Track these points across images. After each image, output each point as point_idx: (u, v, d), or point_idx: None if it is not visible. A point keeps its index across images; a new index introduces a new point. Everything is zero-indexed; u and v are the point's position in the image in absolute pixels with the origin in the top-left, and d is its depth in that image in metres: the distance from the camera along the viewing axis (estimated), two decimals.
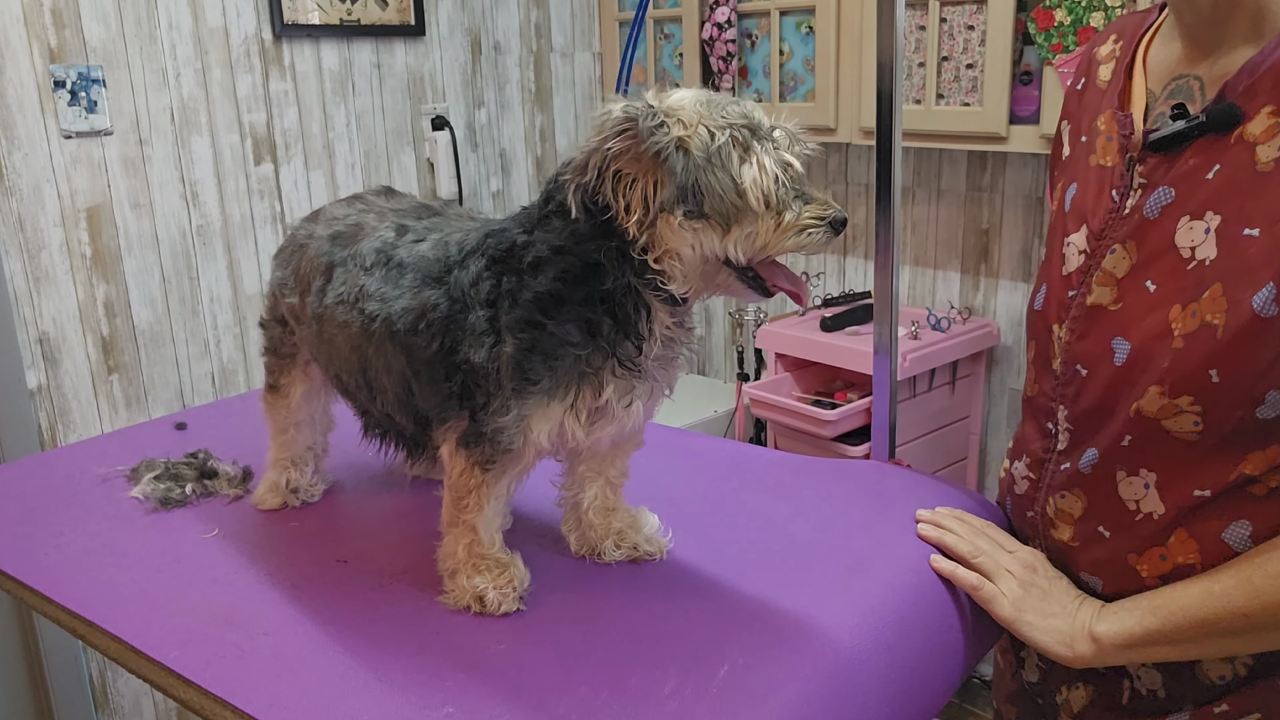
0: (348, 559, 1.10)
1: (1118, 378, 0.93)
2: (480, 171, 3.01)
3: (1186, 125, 0.89)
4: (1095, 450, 0.97)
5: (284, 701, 0.86)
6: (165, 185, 2.32)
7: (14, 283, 2.11)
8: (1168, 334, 0.88)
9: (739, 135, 0.85)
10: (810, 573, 1.03)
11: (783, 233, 0.87)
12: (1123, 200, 0.96)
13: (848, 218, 0.89)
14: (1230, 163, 0.87)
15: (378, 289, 1.01)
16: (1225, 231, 0.86)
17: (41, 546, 1.15)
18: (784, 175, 0.86)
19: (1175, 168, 0.91)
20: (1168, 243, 0.91)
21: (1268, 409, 0.84)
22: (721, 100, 0.88)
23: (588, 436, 0.96)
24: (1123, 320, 0.94)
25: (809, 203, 0.87)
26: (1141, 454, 0.93)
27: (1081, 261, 0.99)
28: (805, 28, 2.52)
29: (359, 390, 1.09)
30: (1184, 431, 0.89)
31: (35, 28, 2.08)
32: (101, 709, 2.36)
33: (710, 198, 0.84)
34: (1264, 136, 0.85)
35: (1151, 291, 0.91)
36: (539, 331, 0.90)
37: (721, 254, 0.87)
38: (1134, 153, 0.95)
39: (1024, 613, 0.99)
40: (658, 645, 0.92)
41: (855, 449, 2.24)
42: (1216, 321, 0.85)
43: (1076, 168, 1.04)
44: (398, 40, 2.72)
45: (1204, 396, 0.86)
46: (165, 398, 2.38)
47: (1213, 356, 0.85)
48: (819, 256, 2.79)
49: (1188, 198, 0.89)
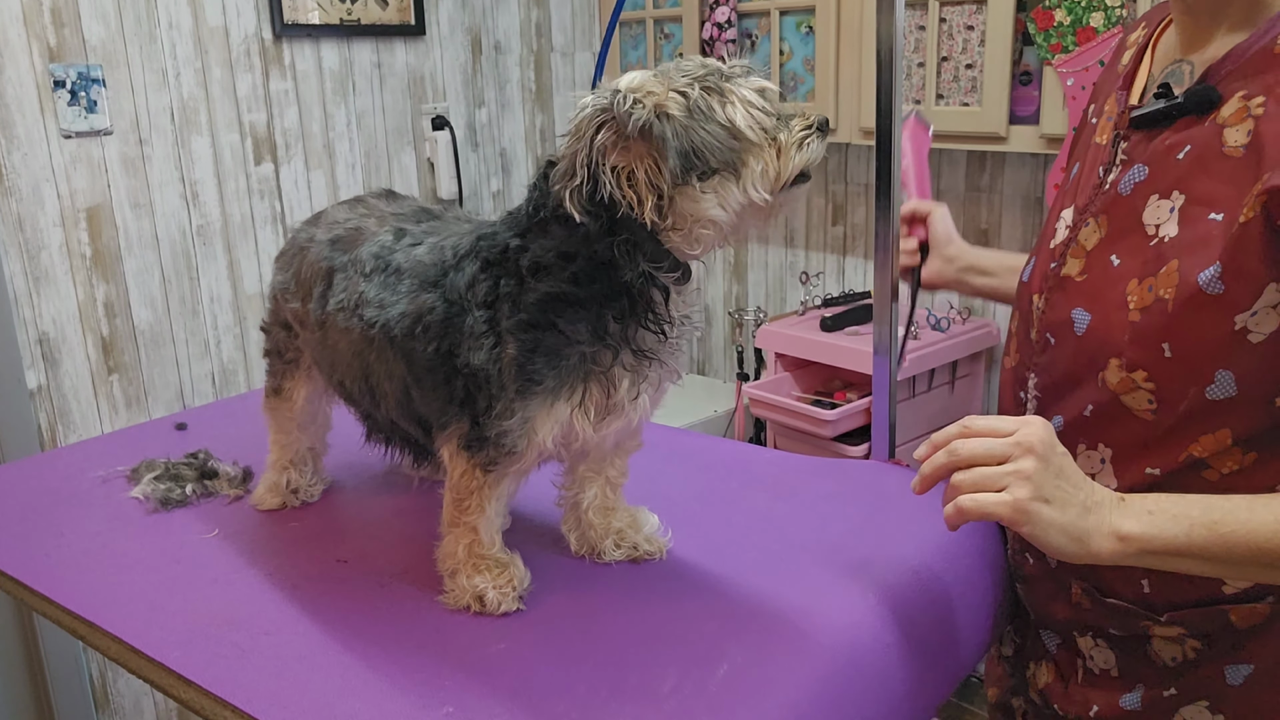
0: (348, 559, 1.10)
1: (1079, 347, 0.96)
2: (480, 171, 3.01)
3: (1166, 105, 0.92)
4: (1061, 419, 0.99)
5: (284, 701, 0.86)
6: (165, 185, 2.32)
7: (14, 283, 2.11)
8: (1123, 307, 0.91)
9: (709, 83, 0.86)
10: (810, 573, 1.03)
11: (787, 155, 0.88)
12: (1105, 176, 0.98)
13: (828, 117, 0.92)
14: (1200, 144, 0.88)
15: (376, 295, 1.01)
16: (1188, 211, 0.88)
17: (41, 546, 1.15)
18: (763, 101, 0.88)
19: (1152, 146, 0.93)
20: (1136, 219, 0.93)
21: (1217, 389, 0.86)
22: (671, 65, 0.89)
23: (596, 433, 0.96)
24: (1086, 291, 0.96)
25: (790, 120, 0.89)
26: (1099, 427, 0.95)
27: (1066, 235, 1.02)
28: (805, 27, 2.52)
29: (362, 397, 1.09)
30: (1141, 410, 0.91)
31: (35, 27, 2.08)
32: (101, 709, 2.36)
33: (711, 152, 0.85)
34: (1233, 119, 0.86)
35: (1115, 266, 0.93)
36: (543, 333, 0.90)
37: (745, 199, 0.88)
38: (1121, 130, 0.98)
39: (1033, 501, 0.83)
40: (657, 645, 0.92)
41: (855, 449, 2.24)
42: (1167, 295, 0.87)
43: (1083, 147, 1.07)
44: (398, 40, 2.72)
45: (1157, 372, 0.88)
46: (165, 398, 2.38)
47: (1164, 330, 0.87)
48: (818, 256, 2.79)
49: (1159, 176, 0.92)
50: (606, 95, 0.86)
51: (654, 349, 0.93)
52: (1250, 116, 0.85)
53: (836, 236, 2.75)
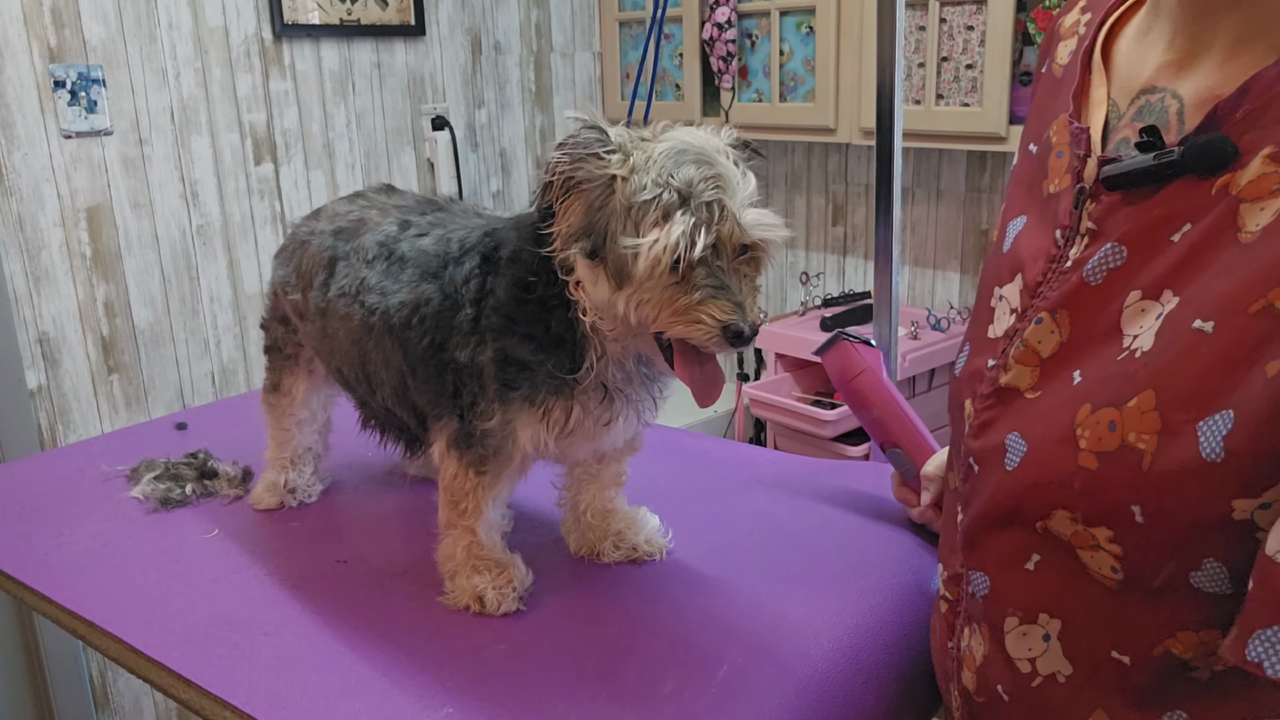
0: (348, 559, 1.10)
1: (1003, 486, 0.70)
2: (480, 171, 3.01)
3: (1155, 163, 0.63)
4: (985, 576, 0.74)
5: (284, 701, 0.86)
6: (165, 185, 2.32)
7: (14, 283, 2.11)
8: (1069, 441, 0.64)
9: (669, 195, 0.78)
10: (809, 573, 1.03)
11: (674, 313, 0.79)
12: (1066, 247, 0.70)
13: (753, 333, 0.79)
14: (1207, 224, 0.61)
15: (378, 282, 1.01)
16: (1173, 318, 0.61)
17: (41, 546, 1.15)
18: (700, 254, 0.78)
19: (1134, 217, 0.65)
20: (1111, 324, 0.65)
21: (1205, 578, 0.60)
22: (704, 154, 0.80)
23: (560, 451, 0.96)
24: (1034, 415, 0.69)
25: (721, 299, 0.78)
26: (1043, 589, 0.69)
27: (1010, 323, 0.74)
28: (805, 28, 2.52)
29: (359, 383, 1.09)
30: (1103, 575, 0.65)
31: (35, 27, 2.08)
32: (101, 709, 2.36)
33: (611, 247, 0.80)
34: (1254, 192, 0.58)
35: (1075, 385, 0.66)
36: (511, 338, 0.90)
37: (613, 308, 0.82)
38: (1086, 184, 0.70)
39: None
40: (657, 645, 0.92)
41: (855, 449, 2.24)
42: (1143, 446, 0.60)
43: (1025, 191, 0.78)
44: (398, 40, 2.72)
45: (1125, 535, 0.62)
46: (165, 398, 2.38)
47: (1136, 490, 0.60)
48: (819, 256, 2.79)
49: (1143, 265, 0.64)
50: (595, 130, 0.83)
51: (620, 386, 0.92)
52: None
53: (837, 237, 2.75)
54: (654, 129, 0.85)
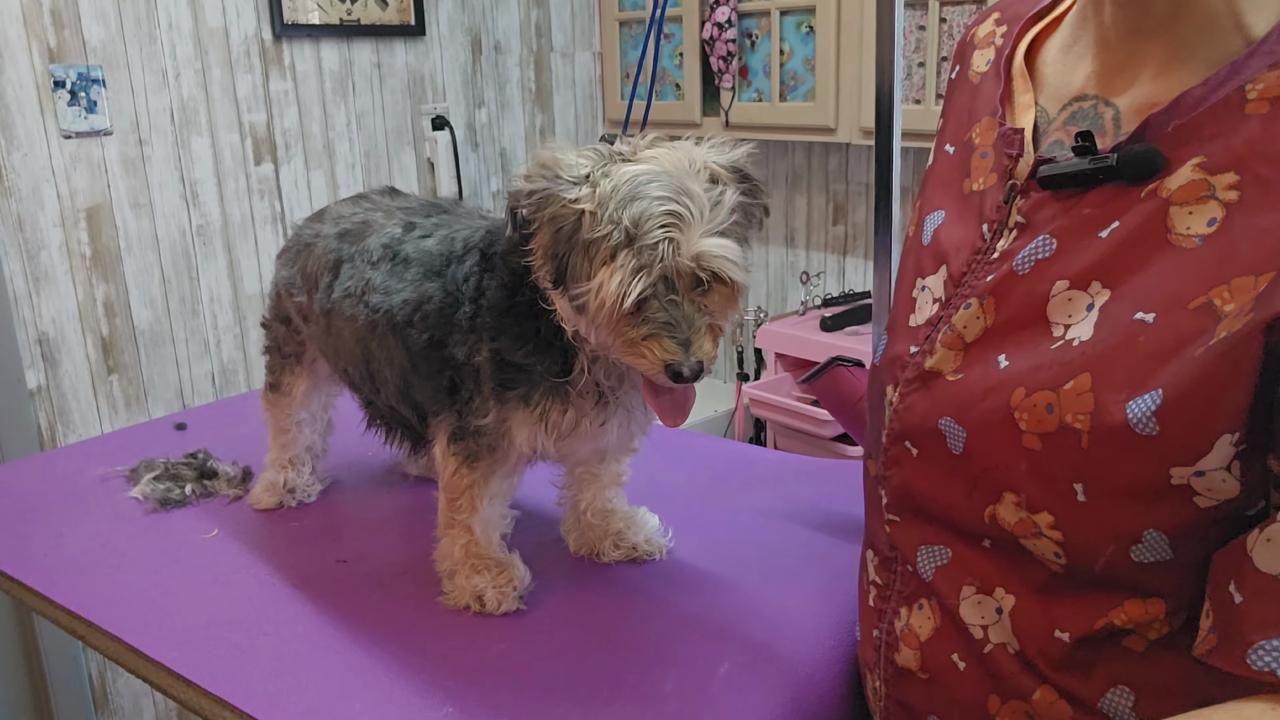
0: (347, 559, 1.10)
1: (956, 470, 0.73)
2: (480, 171, 3.01)
3: (1090, 166, 0.68)
4: (946, 550, 0.76)
5: (284, 701, 0.86)
6: (165, 185, 2.32)
7: (14, 283, 2.11)
8: (1010, 425, 0.68)
9: (617, 235, 0.78)
10: (810, 572, 1.03)
11: (624, 344, 0.81)
12: (993, 239, 0.75)
13: (693, 374, 0.80)
14: (1135, 223, 0.66)
15: (383, 282, 1.01)
16: (1111, 310, 0.65)
17: (41, 546, 1.15)
18: (637, 299, 0.78)
19: (1064, 214, 0.70)
20: (1037, 311, 0.70)
21: (1146, 550, 0.63)
22: (669, 183, 0.79)
23: (556, 451, 0.96)
24: (960, 398, 0.72)
25: (664, 336, 0.79)
26: (997, 566, 0.72)
27: (934, 311, 0.78)
28: (805, 28, 2.52)
29: (363, 383, 1.09)
30: (1046, 559, 0.68)
31: (35, 28, 2.08)
32: (101, 709, 2.36)
33: (569, 282, 0.82)
34: (1184, 197, 0.64)
35: (1002, 369, 0.70)
36: (505, 339, 0.91)
37: (579, 329, 0.85)
38: (1017, 181, 0.74)
39: None
40: (658, 645, 0.92)
41: (855, 449, 2.24)
42: (1079, 425, 0.64)
43: (942, 188, 0.83)
44: (398, 40, 2.72)
45: (1066, 518, 0.66)
46: (165, 398, 2.38)
47: (1076, 468, 0.64)
48: (819, 256, 2.79)
49: (1072, 257, 0.69)
50: (550, 185, 0.82)
51: (614, 388, 0.93)
52: (1214, 200, 0.62)
53: (837, 236, 2.75)
54: (636, 144, 0.84)
